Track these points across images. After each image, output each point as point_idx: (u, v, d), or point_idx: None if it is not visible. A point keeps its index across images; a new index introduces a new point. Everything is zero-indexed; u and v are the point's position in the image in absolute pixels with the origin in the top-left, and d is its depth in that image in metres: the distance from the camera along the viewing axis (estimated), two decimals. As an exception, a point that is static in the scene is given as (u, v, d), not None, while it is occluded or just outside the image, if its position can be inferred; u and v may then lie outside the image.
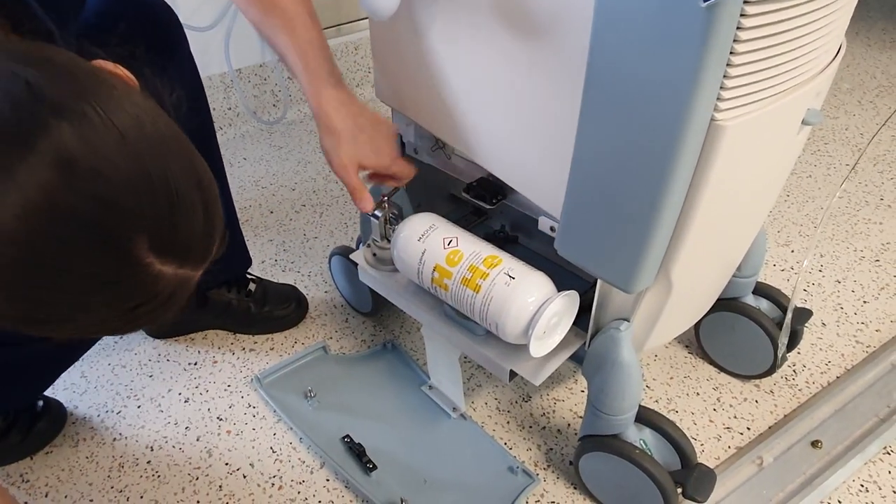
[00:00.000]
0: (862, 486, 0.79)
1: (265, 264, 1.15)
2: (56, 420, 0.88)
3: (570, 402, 0.90)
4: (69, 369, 0.96)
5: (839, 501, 0.77)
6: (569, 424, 0.87)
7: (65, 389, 0.93)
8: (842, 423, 0.85)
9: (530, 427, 0.87)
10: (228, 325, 1.02)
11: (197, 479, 0.82)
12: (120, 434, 0.87)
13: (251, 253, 1.18)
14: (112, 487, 0.81)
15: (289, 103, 1.63)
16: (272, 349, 0.99)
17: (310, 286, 1.10)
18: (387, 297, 0.82)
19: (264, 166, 1.44)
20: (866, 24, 2.08)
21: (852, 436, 0.84)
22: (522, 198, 0.74)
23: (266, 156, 1.48)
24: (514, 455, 0.83)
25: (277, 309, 1.02)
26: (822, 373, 0.93)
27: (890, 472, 0.80)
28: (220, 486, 0.81)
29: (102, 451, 0.85)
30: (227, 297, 0.99)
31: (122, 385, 0.94)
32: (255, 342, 1.00)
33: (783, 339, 0.81)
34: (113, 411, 0.90)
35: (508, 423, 0.87)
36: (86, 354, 0.98)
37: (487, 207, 0.74)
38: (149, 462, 0.84)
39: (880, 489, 0.78)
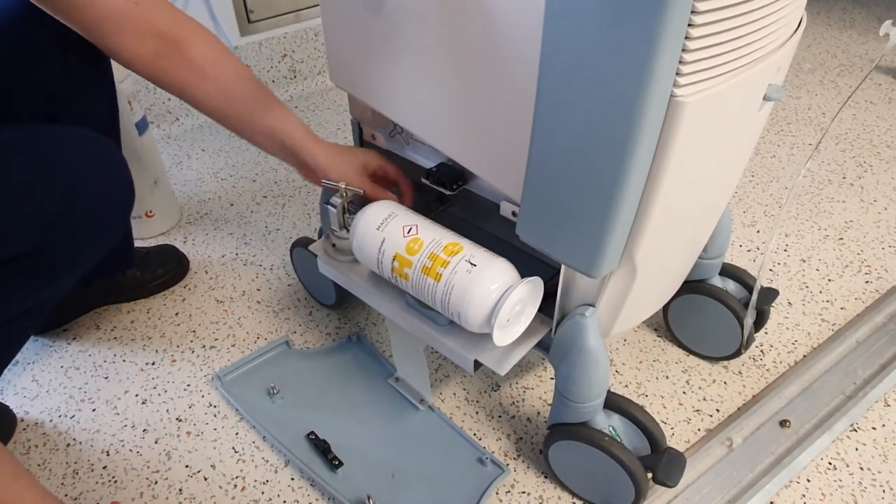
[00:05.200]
0: (830, 463, 0.79)
1: (225, 258, 1.12)
2: (5, 427, 0.84)
3: (540, 389, 0.88)
4: (18, 373, 0.92)
5: (808, 480, 0.78)
6: (538, 412, 0.86)
7: (15, 394, 0.89)
8: (809, 402, 0.85)
9: (499, 416, 0.85)
10: (117, 299, 1.02)
11: (156, 483, 0.79)
12: (74, 439, 0.84)
13: (211, 247, 1.15)
14: (66, 495, 0.78)
15: (248, 92, 1.58)
16: (233, 345, 0.96)
17: (272, 279, 1.07)
18: (347, 288, 0.79)
19: (223, 157, 1.40)
20: (826, 4, 2.10)
21: (819, 414, 0.84)
22: (484, 183, 0.72)
23: (225, 146, 1.44)
24: (484, 446, 0.81)
25: (160, 269, 1.04)
26: (788, 352, 0.93)
27: (857, 450, 0.80)
28: (181, 490, 0.78)
29: (55, 457, 0.82)
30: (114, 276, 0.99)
31: (75, 388, 0.90)
32: (216, 339, 0.97)
33: (749, 320, 0.81)
34: (66, 416, 0.87)
35: (477, 413, 0.86)
36: (37, 357, 0.94)
37: (448, 193, 0.72)
38: (105, 467, 0.80)
39: (848, 466, 0.79)
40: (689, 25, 0.43)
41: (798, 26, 0.59)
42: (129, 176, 0.73)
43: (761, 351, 0.93)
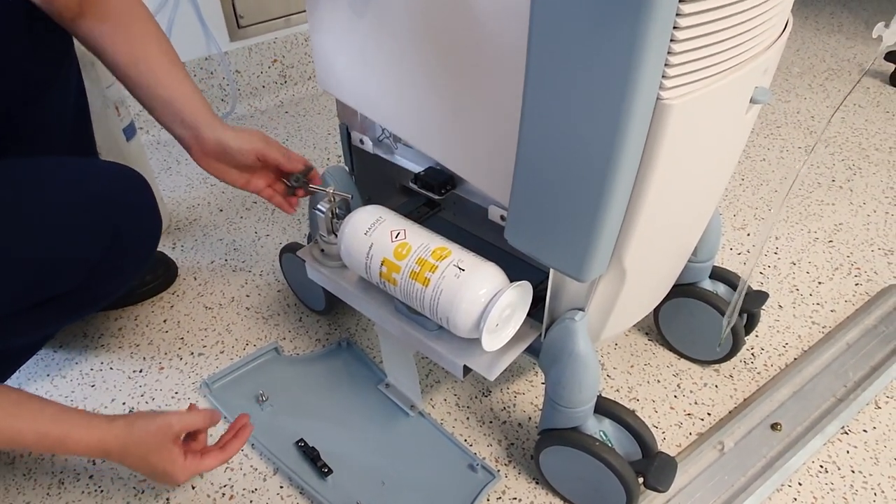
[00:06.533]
0: (821, 466, 0.79)
1: (215, 264, 1.11)
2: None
3: (531, 394, 0.88)
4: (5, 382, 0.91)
5: (800, 483, 0.77)
6: (530, 418, 0.85)
7: (0, 404, 0.88)
8: (800, 405, 0.85)
9: (490, 422, 0.85)
10: (108, 305, 0.99)
11: (143, 492, 0.78)
12: (60, 448, 0.83)
13: (200, 253, 1.14)
14: (52, 506, 0.77)
15: (237, 97, 1.58)
16: (222, 352, 0.95)
17: (262, 286, 1.06)
18: (336, 294, 0.79)
19: (213, 163, 1.39)
20: (815, 8, 2.11)
21: (811, 417, 0.84)
22: (472, 187, 0.71)
23: (215, 152, 1.43)
24: (475, 452, 0.81)
25: (148, 275, 1.03)
26: (779, 355, 0.93)
27: (848, 452, 0.80)
28: (168, 500, 0.77)
29: (41, 467, 0.81)
30: None
31: (61, 397, 0.89)
32: (205, 346, 0.96)
33: (729, 314, 0.79)
34: (52, 425, 0.86)
35: (468, 418, 0.85)
36: (23, 366, 0.93)
37: (436, 198, 0.72)
38: (91, 477, 0.79)
39: (839, 469, 0.79)
40: (674, 28, 0.43)
41: (784, 28, 0.59)
42: (158, 210, 0.76)
43: (752, 354, 0.93)
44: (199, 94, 0.75)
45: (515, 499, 0.76)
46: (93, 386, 0.90)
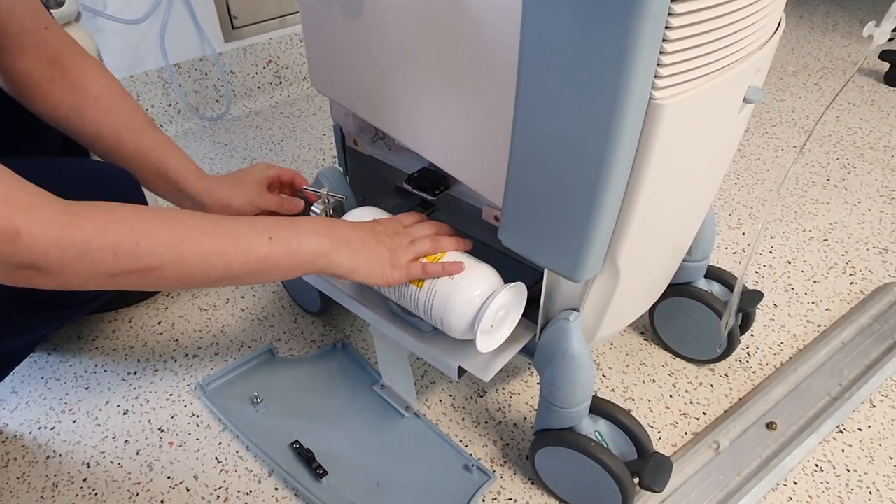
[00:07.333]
0: (817, 465, 0.79)
1: (209, 266, 1.11)
2: None
3: (526, 395, 0.88)
4: (-2, 385, 0.90)
5: (795, 482, 0.77)
6: (525, 418, 0.85)
7: (-7, 407, 0.88)
8: (795, 404, 0.85)
9: (486, 423, 0.85)
10: (102, 307, 0.99)
11: (137, 495, 0.77)
12: (54, 451, 0.82)
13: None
14: (46, 509, 0.77)
15: (232, 98, 1.57)
16: (217, 354, 0.95)
17: (256, 287, 1.06)
18: (330, 295, 0.79)
19: (208, 164, 1.39)
20: (809, 8, 2.12)
21: (806, 416, 0.84)
22: (466, 188, 0.71)
23: (210, 153, 1.43)
24: (470, 452, 0.81)
25: None
26: (774, 354, 0.93)
27: (843, 451, 0.80)
28: (162, 502, 0.77)
29: (35, 470, 0.80)
30: None
31: (55, 399, 0.89)
32: (199, 348, 0.96)
33: (726, 318, 0.80)
34: (46, 427, 0.85)
35: (463, 419, 0.85)
36: (16, 369, 0.92)
37: (430, 199, 0.72)
38: (85, 480, 0.79)
39: (834, 468, 0.79)
40: (666, 28, 0.43)
41: (777, 28, 0.59)
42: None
43: (747, 353, 0.93)
44: (188, 157, 0.75)
45: (511, 499, 0.76)
46: (87, 388, 0.90)
